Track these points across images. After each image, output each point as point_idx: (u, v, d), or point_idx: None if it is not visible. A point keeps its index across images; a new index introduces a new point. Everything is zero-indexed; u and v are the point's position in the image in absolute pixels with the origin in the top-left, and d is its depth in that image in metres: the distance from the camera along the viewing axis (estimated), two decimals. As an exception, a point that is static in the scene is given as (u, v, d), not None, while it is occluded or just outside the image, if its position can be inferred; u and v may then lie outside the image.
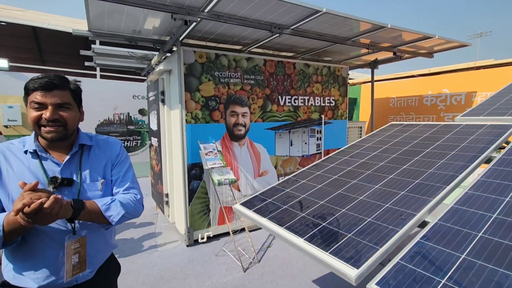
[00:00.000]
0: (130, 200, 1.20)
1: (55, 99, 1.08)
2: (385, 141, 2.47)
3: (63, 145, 1.15)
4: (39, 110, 1.08)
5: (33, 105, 1.07)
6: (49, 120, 1.07)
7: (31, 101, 1.07)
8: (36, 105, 1.07)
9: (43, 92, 1.07)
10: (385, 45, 4.34)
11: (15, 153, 1.10)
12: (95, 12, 2.90)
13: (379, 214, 1.45)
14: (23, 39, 10.21)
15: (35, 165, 1.10)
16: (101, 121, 6.66)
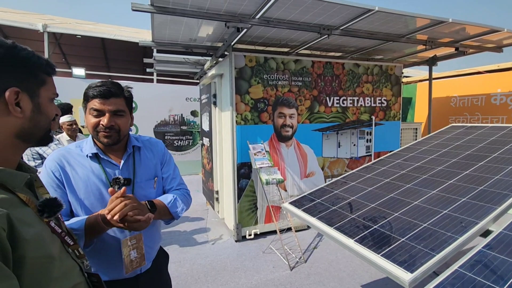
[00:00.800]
0: (184, 196, 1.35)
1: (111, 107, 1.16)
2: (444, 144, 2.33)
3: (116, 147, 1.23)
4: (98, 116, 1.15)
5: (92, 112, 1.15)
6: (106, 127, 1.15)
7: (90, 108, 1.15)
8: (95, 112, 1.15)
9: (102, 100, 1.14)
10: (445, 40, 4.02)
11: (76, 158, 1.17)
12: (159, 23, 3.22)
13: (436, 220, 1.41)
14: (94, 49, 11.61)
15: (97, 168, 1.18)
16: (158, 122, 7.27)
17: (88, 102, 1.17)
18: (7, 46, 0.66)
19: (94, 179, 1.16)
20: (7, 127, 0.66)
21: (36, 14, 12.26)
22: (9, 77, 0.64)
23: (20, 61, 0.66)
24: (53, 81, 0.76)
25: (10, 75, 0.65)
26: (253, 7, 2.82)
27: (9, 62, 0.65)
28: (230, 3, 2.72)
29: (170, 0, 2.64)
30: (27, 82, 0.67)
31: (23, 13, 11.23)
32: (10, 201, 0.66)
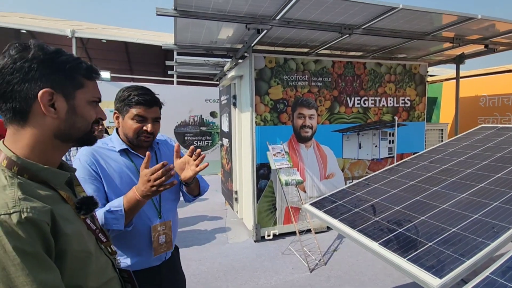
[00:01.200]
0: (203, 180, 1.49)
1: (153, 115, 1.27)
2: (473, 146, 2.23)
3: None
4: (141, 122, 1.24)
5: (136, 118, 1.23)
6: (149, 132, 1.25)
7: (135, 114, 1.23)
8: (140, 118, 1.23)
9: (146, 108, 1.24)
10: (474, 37, 3.85)
11: (107, 154, 1.25)
12: (181, 26, 3.29)
13: (466, 225, 1.35)
14: (118, 53, 12.06)
15: (127, 162, 1.28)
16: (178, 123, 7.44)
17: (131, 107, 1.23)
18: (47, 51, 0.70)
19: (127, 171, 1.26)
20: (45, 128, 0.70)
21: (65, 20, 12.91)
22: (46, 80, 0.68)
23: (58, 65, 0.70)
24: (94, 85, 0.80)
25: (48, 78, 0.68)
26: (273, 8, 2.83)
27: (47, 66, 0.68)
28: (251, 5, 2.75)
29: (192, 4, 2.70)
30: (63, 85, 0.70)
31: (53, 20, 11.87)
32: (52, 197, 0.70)
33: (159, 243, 1.29)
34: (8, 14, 11.23)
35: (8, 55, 0.67)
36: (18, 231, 0.58)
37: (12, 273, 0.55)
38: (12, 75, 0.66)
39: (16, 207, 0.59)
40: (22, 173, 0.67)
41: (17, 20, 9.32)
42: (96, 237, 0.83)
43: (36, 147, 0.70)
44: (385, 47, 4.22)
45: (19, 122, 0.69)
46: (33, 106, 0.68)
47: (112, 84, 7.11)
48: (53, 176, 0.72)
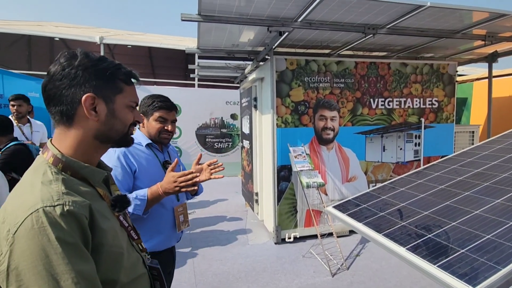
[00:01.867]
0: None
1: (172, 117, 1.59)
2: (509, 149, 2.10)
3: None
4: (162, 123, 1.56)
5: (160, 119, 1.55)
6: (170, 131, 1.58)
7: (158, 116, 1.54)
8: (162, 119, 1.55)
9: (167, 111, 1.56)
10: (508, 34, 3.64)
11: (136, 148, 1.51)
12: (204, 30, 3.37)
13: (502, 232, 1.28)
14: (142, 57, 12.53)
15: (152, 154, 1.57)
16: (199, 125, 7.59)
17: (155, 111, 1.55)
18: (92, 59, 0.76)
19: (154, 162, 1.55)
20: (87, 129, 0.75)
21: (94, 28, 13.58)
22: (89, 85, 0.74)
23: (100, 71, 0.75)
24: (132, 90, 0.85)
25: (90, 84, 0.74)
26: (295, 10, 2.84)
27: (90, 72, 0.74)
28: (273, 7, 2.77)
29: (216, 9, 2.77)
30: (103, 90, 0.76)
31: (83, 28, 12.53)
32: (91, 194, 0.76)
33: (180, 221, 1.61)
34: (44, 24, 12.00)
35: (58, 62, 0.74)
36: (61, 222, 0.62)
37: (54, 261, 0.59)
38: (61, 81, 0.73)
39: (59, 200, 0.64)
40: (66, 170, 0.72)
41: (51, 29, 9.93)
42: (128, 234, 0.88)
43: (79, 147, 0.76)
44: (410, 47, 4.09)
45: (65, 124, 0.75)
46: (78, 109, 0.74)
47: (137, 88, 7.38)
48: (92, 174, 0.78)
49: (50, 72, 0.74)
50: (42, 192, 0.65)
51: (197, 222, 4.42)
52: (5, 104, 4.41)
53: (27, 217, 0.61)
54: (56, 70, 0.73)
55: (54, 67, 0.74)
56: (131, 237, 0.89)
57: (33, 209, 0.62)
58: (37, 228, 0.60)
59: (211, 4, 2.67)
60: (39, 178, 0.69)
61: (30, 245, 0.59)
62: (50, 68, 0.74)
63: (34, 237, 0.59)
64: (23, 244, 0.59)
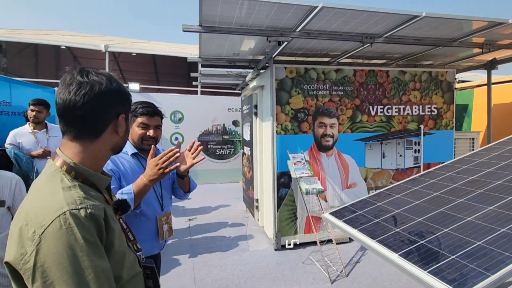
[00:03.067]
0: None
1: (155, 123, 1.58)
2: (504, 156, 2.13)
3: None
4: (145, 129, 1.55)
5: (141, 125, 1.55)
6: (151, 137, 1.56)
7: (140, 122, 1.54)
8: (143, 125, 1.55)
9: (149, 117, 1.55)
10: (506, 42, 3.68)
11: (122, 157, 1.54)
12: (205, 40, 3.45)
13: (493, 239, 1.31)
14: (146, 65, 12.69)
15: (137, 163, 1.58)
16: (202, 131, 7.66)
17: (137, 117, 1.54)
18: (118, 82, 0.86)
19: (138, 171, 1.54)
20: (110, 143, 0.85)
21: (99, 36, 13.85)
22: (120, 106, 0.85)
23: (125, 93, 0.88)
24: None
25: (121, 104, 0.85)
26: (294, 21, 2.91)
27: (120, 94, 0.86)
28: (272, 18, 2.84)
29: (216, 20, 2.85)
30: (126, 109, 0.88)
31: (89, 36, 12.78)
32: (101, 198, 0.83)
33: (164, 231, 1.61)
34: (50, 32, 12.26)
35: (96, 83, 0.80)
36: (85, 223, 0.69)
37: (79, 257, 0.66)
38: (101, 101, 0.80)
39: (82, 204, 0.72)
40: (78, 177, 0.79)
41: (57, 38, 10.14)
42: (126, 236, 0.94)
43: (96, 157, 0.84)
44: (409, 55, 4.15)
45: (90, 138, 0.82)
46: (109, 126, 0.83)
47: (141, 95, 7.49)
48: (100, 181, 0.85)
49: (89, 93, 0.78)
50: (65, 196, 0.72)
51: (198, 228, 4.45)
52: (12, 112, 4.51)
53: (55, 219, 0.67)
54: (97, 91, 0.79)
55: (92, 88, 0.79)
56: (128, 238, 0.97)
57: (60, 211, 0.68)
58: (65, 228, 0.67)
59: (211, 15, 2.75)
60: (58, 184, 0.75)
61: (57, 244, 0.65)
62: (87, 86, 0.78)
63: (61, 237, 0.66)
64: (50, 244, 0.65)
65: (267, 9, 2.65)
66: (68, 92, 0.77)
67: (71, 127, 0.79)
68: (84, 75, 0.80)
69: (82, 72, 0.81)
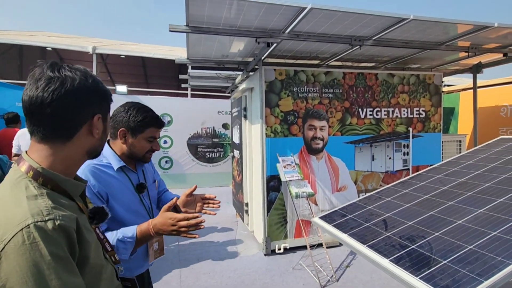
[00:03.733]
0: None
1: (159, 135, 1.39)
2: (492, 159, 2.13)
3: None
4: (152, 142, 1.34)
5: (150, 139, 1.32)
6: (154, 151, 1.36)
7: (150, 135, 1.31)
8: (153, 139, 1.33)
9: (158, 130, 1.35)
10: (492, 46, 3.75)
11: (106, 172, 1.26)
12: (193, 41, 3.39)
13: (484, 243, 1.28)
14: (135, 67, 12.51)
15: (124, 177, 1.31)
16: (191, 135, 7.54)
17: (146, 128, 1.30)
18: (96, 80, 0.78)
19: (126, 188, 1.31)
20: (84, 145, 0.77)
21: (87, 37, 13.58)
22: (96, 105, 0.77)
23: (103, 92, 0.80)
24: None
25: (97, 104, 0.78)
26: (283, 22, 2.88)
27: (97, 92, 0.78)
28: (260, 19, 2.80)
29: (204, 20, 2.79)
30: (104, 109, 0.81)
31: (76, 38, 12.51)
32: (73, 207, 0.74)
33: (154, 250, 1.39)
34: (35, 33, 11.95)
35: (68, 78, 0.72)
36: (53, 236, 0.61)
37: (47, 275, 0.59)
38: (75, 99, 0.72)
39: (50, 215, 0.63)
40: (46, 184, 0.71)
41: (43, 39, 9.87)
42: (102, 246, 0.86)
43: (68, 162, 0.76)
44: (397, 58, 4.18)
45: (62, 140, 0.73)
46: (83, 127, 0.75)
47: (129, 98, 7.35)
48: (73, 187, 0.77)
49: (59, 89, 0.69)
50: (30, 207, 0.63)
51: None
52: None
53: (17, 233, 0.59)
54: (68, 87, 0.70)
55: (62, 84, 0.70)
56: (105, 249, 0.89)
57: (23, 224, 0.60)
58: (29, 243, 0.59)
59: (199, 15, 2.69)
60: (22, 192, 0.66)
61: (20, 261, 0.58)
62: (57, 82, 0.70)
63: (25, 253, 0.58)
64: (12, 261, 0.58)
65: (256, 10, 2.61)
66: (36, 87, 0.69)
67: (39, 127, 0.71)
68: (56, 69, 0.71)
69: (54, 66, 0.72)
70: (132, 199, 1.32)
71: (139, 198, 1.35)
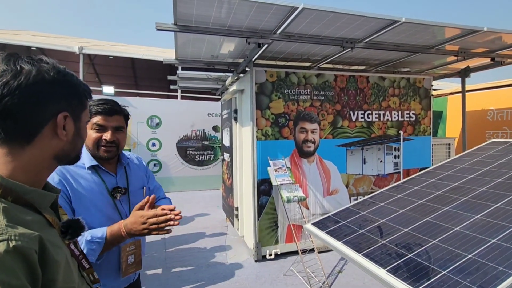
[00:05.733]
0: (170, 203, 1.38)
1: (114, 123, 1.23)
2: (485, 162, 2.11)
3: (112, 160, 1.29)
4: (100, 132, 1.21)
5: (95, 127, 1.20)
6: (108, 141, 1.21)
7: (93, 123, 1.20)
8: (98, 127, 1.21)
9: (105, 116, 1.21)
10: (480, 50, 3.78)
11: (76, 171, 1.18)
12: (182, 41, 3.30)
13: (484, 251, 1.22)
14: (124, 69, 12.25)
15: (97, 179, 1.22)
16: (180, 137, 7.40)
17: (91, 117, 1.21)
18: (62, 72, 0.67)
19: (97, 189, 1.21)
20: (49, 149, 0.67)
21: (74, 37, 13.24)
22: (61, 102, 0.67)
23: (72, 87, 0.69)
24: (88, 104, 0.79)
25: (63, 100, 0.67)
26: (274, 23, 2.81)
27: (63, 87, 0.67)
28: (251, 19, 2.73)
29: (192, 19, 2.70)
30: (74, 107, 0.70)
31: (62, 37, 12.18)
32: (39, 222, 0.64)
33: (128, 264, 1.24)
34: (20, 32, 11.57)
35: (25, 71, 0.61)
36: (6, 261, 0.52)
37: None
38: (31, 95, 0.62)
39: (3, 235, 0.53)
40: (6, 196, 0.60)
41: (28, 38, 9.56)
42: (78, 263, 0.76)
43: (31, 168, 0.65)
44: (388, 61, 4.18)
45: (20, 143, 0.63)
46: (46, 127, 0.65)
47: (116, 99, 7.14)
48: (40, 198, 0.66)
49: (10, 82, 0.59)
50: None
51: (173, 240, 4.19)
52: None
53: None
54: (22, 80, 0.60)
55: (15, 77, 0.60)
56: (81, 266, 0.78)
57: None
58: None
59: (187, 14, 2.59)
60: None
61: None
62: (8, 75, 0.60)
63: None
64: None
65: (246, 9, 2.54)
66: None
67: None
68: (12, 61, 0.61)
69: (9, 57, 0.62)
70: (104, 202, 1.21)
71: (113, 202, 1.23)
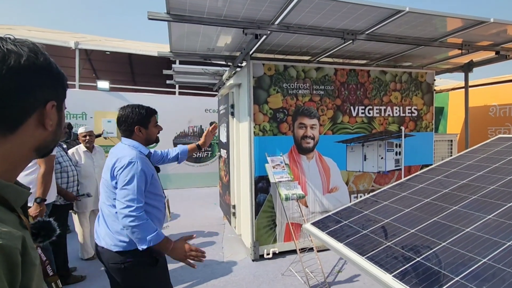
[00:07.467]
0: None
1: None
2: (493, 159, 2.00)
3: None
4: (156, 126, 1.76)
5: (155, 124, 1.75)
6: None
7: (156, 121, 1.76)
8: (156, 123, 1.77)
9: (156, 114, 1.78)
10: (484, 43, 3.67)
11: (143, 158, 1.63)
12: (177, 34, 3.18)
13: (500, 255, 1.12)
14: (121, 64, 12.06)
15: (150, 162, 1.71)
16: (177, 133, 7.28)
17: (151, 116, 1.72)
18: (49, 59, 0.63)
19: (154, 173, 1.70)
20: (32, 140, 0.61)
21: (70, 32, 13.03)
22: (49, 89, 0.62)
23: (57, 75, 0.65)
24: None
25: (51, 88, 0.62)
26: (272, 12, 2.69)
27: (51, 75, 0.63)
28: (248, 9, 2.60)
29: (186, 8, 2.57)
30: (60, 96, 0.66)
31: (58, 32, 11.97)
32: (14, 222, 0.55)
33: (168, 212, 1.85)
34: (15, 27, 11.36)
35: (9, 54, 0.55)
36: None
37: None
38: (20, 80, 0.56)
39: None
40: None
41: (23, 33, 9.36)
42: (43, 270, 0.66)
43: (11, 161, 0.59)
44: (389, 55, 4.06)
45: (3, 132, 0.56)
46: (32, 116, 0.59)
47: (112, 94, 7.01)
48: (16, 195, 0.57)
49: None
50: None
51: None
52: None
53: None
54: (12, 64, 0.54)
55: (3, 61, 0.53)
56: (45, 273, 0.68)
57: None
58: None
59: (181, 2, 2.47)
60: None
61: None
62: None
63: None
64: None
65: (242, -3, 2.41)
66: None
67: None
68: None
69: None
70: (157, 181, 1.70)
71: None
